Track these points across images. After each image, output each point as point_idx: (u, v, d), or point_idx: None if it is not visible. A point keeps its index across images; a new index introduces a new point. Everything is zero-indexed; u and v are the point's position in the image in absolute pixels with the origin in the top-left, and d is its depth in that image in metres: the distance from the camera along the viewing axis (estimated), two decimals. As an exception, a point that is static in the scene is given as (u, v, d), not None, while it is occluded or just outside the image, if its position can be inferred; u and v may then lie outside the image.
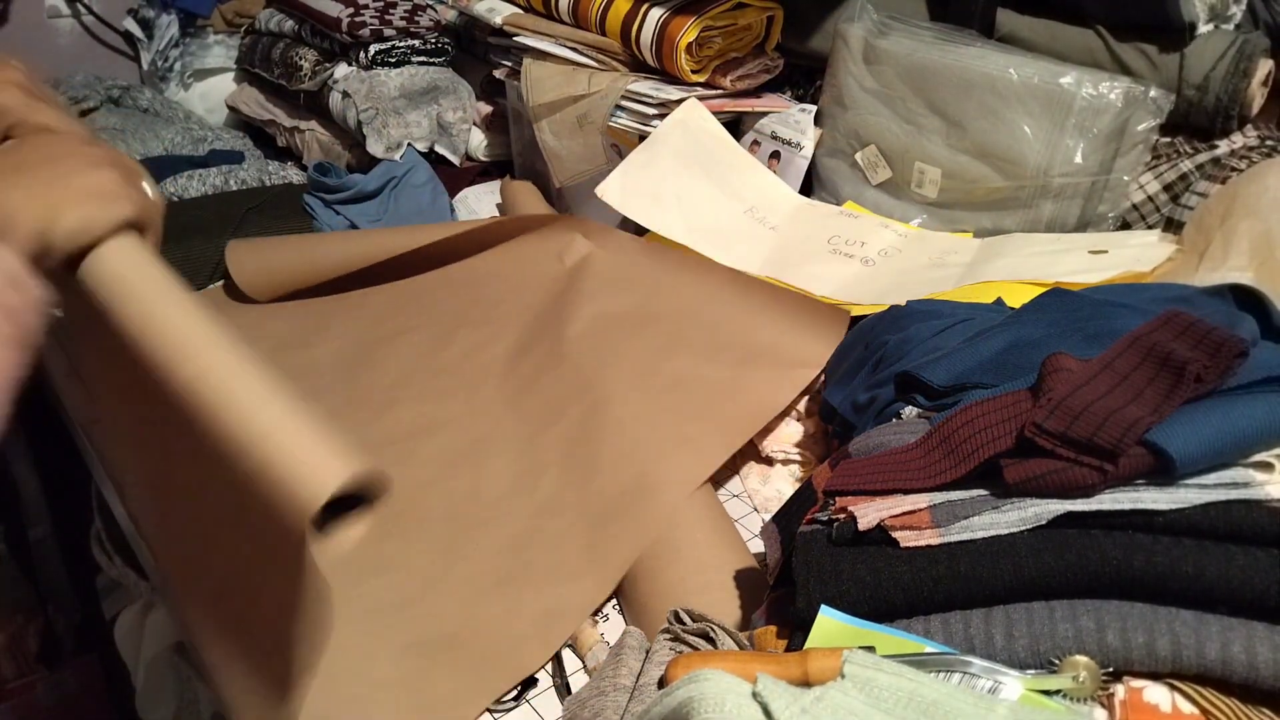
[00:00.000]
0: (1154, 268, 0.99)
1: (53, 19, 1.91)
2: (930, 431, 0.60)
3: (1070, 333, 0.69)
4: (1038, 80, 1.10)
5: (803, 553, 0.57)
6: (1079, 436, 0.52)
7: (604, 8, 1.31)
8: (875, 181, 1.27)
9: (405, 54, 1.61)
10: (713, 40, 1.27)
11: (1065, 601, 0.52)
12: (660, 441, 0.87)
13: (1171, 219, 1.09)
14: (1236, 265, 0.90)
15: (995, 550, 0.53)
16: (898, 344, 0.79)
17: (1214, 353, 0.54)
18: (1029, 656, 0.51)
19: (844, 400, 0.81)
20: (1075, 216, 1.12)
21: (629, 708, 0.59)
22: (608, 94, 1.30)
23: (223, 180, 1.61)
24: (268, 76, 1.75)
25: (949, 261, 1.11)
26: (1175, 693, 0.50)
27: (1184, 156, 1.11)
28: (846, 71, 1.26)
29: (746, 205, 1.27)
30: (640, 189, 1.22)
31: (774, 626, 0.60)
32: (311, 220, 1.51)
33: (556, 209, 1.47)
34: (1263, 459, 0.52)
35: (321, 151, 1.71)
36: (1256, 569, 0.49)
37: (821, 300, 1.03)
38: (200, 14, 1.86)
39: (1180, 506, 0.51)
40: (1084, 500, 0.52)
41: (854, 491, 0.59)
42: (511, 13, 1.45)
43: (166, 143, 1.69)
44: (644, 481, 0.83)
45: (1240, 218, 0.93)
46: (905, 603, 0.54)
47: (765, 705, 0.45)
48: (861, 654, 0.48)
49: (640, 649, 0.65)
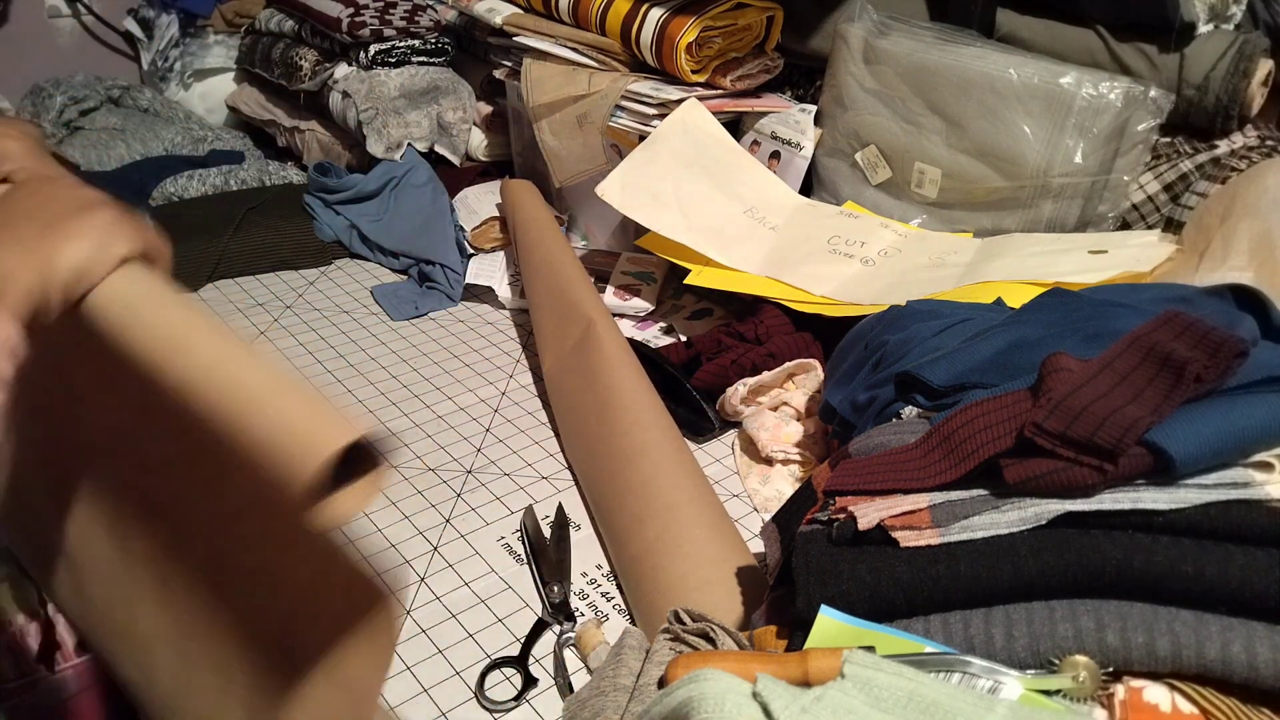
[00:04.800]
0: (1154, 268, 0.99)
1: (53, 19, 1.91)
2: (930, 431, 0.60)
3: (1070, 333, 0.69)
4: (1038, 80, 1.10)
5: (803, 553, 0.57)
6: (1079, 436, 0.52)
7: (604, 8, 1.31)
8: (875, 181, 1.27)
9: (405, 54, 1.61)
10: (713, 40, 1.27)
11: (1065, 601, 0.52)
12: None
13: (1171, 219, 1.09)
14: (1236, 265, 0.90)
15: (995, 550, 0.53)
16: (898, 344, 0.79)
17: (1214, 353, 0.54)
18: (1029, 656, 0.51)
19: (844, 400, 0.81)
20: (1075, 216, 1.12)
21: (629, 708, 0.59)
22: (608, 94, 1.30)
23: (223, 180, 1.61)
24: (268, 76, 1.75)
25: (949, 261, 1.11)
26: (1175, 692, 0.50)
27: (1184, 156, 1.11)
28: (846, 71, 1.26)
29: (746, 205, 1.27)
30: (640, 188, 1.22)
31: (774, 626, 0.60)
32: (311, 220, 1.51)
33: (557, 209, 1.47)
34: (1263, 459, 0.52)
35: (321, 151, 1.71)
36: (1256, 569, 0.49)
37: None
38: (200, 14, 1.86)
39: (1180, 506, 0.51)
40: (1084, 500, 0.52)
41: (854, 491, 0.59)
42: (511, 13, 1.45)
43: (166, 143, 1.70)
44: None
45: (1240, 218, 0.93)
46: (905, 603, 0.54)
47: (765, 705, 0.45)
48: (861, 654, 0.48)
49: (640, 649, 0.65)
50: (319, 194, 1.54)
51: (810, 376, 1.03)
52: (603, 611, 0.82)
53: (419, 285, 1.40)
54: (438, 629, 0.80)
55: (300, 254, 1.47)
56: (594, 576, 0.86)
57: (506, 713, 0.73)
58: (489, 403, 1.13)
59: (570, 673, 0.75)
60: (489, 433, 1.07)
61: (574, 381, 1.02)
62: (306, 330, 1.29)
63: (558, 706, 0.72)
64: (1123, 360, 0.56)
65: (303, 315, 1.33)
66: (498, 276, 1.36)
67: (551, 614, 0.81)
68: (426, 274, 1.39)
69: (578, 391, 1.01)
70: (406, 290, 1.38)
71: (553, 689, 0.74)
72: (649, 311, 1.28)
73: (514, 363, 1.22)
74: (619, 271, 1.34)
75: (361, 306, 1.36)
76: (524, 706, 0.73)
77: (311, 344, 1.26)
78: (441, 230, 1.41)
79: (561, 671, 0.75)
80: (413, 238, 1.43)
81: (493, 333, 1.29)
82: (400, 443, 1.05)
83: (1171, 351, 0.54)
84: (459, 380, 1.18)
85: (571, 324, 1.07)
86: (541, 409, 1.12)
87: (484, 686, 0.74)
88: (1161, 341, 0.55)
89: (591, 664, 0.75)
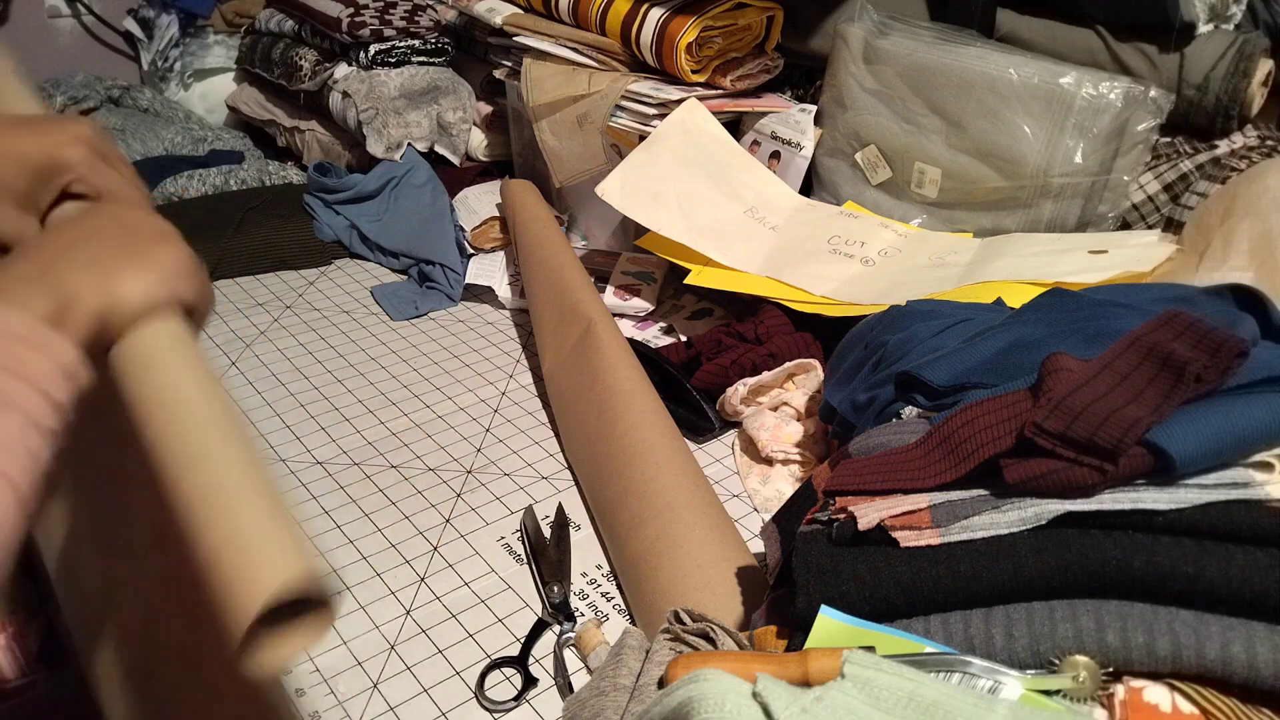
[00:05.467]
0: (1154, 268, 0.98)
1: (53, 19, 1.91)
2: (930, 431, 0.60)
3: (1070, 333, 0.69)
4: (1038, 80, 1.10)
5: (803, 553, 0.57)
6: (1079, 436, 0.52)
7: (604, 8, 1.31)
8: (875, 181, 1.27)
9: (405, 54, 1.61)
10: (713, 40, 1.27)
11: (1065, 601, 0.52)
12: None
13: (1171, 219, 1.09)
14: (1236, 265, 0.90)
15: (995, 550, 0.53)
16: (898, 344, 0.79)
17: (1214, 353, 0.54)
18: (1029, 656, 0.51)
19: (844, 400, 0.81)
20: (1075, 216, 1.12)
21: (629, 708, 0.59)
22: (608, 94, 1.30)
23: (223, 180, 1.61)
24: (268, 76, 1.75)
25: (949, 261, 1.11)
26: (1175, 693, 0.50)
27: (1184, 156, 1.10)
28: (846, 71, 1.26)
29: (746, 205, 1.27)
30: (640, 188, 1.22)
31: (774, 626, 0.60)
32: (312, 220, 1.51)
33: (557, 209, 1.47)
34: (1263, 459, 0.52)
35: (321, 151, 1.71)
36: (1256, 569, 0.49)
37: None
38: (200, 14, 1.86)
39: (1180, 506, 0.51)
40: (1084, 500, 0.52)
41: (854, 491, 0.59)
42: (511, 13, 1.45)
43: (166, 143, 1.70)
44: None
45: (1240, 218, 0.93)
46: (905, 603, 0.54)
47: (765, 705, 0.45)
48: (861, 654, 0.48)
49: (640, 649, 0.65)
50: (319, 194, 1.54)
51: (810, 376, 1.03)
52: (603, 611, 0.82)
53: (419, 285, 1.40)
54: (438, 629, 0.80)
55: (300, 254, 1.47)
56: (594, 576, 0.86)
57: (506, 713, 0.73)
58: (489, 403, 1.13)
59: (570, 673, 0.75)
60: (489, 433, 1.07)
61: (574, 381, 1.02)
62: (306, 330, 1.29)
63: (558, 706, 0.72)
64: (1123, 360, 0.56)
65: (303, 315, 1.33)
66: (498, 276, 1.36)
67: (551, 614, 0.81)
68: (426, 274, 1.39)
69: (578, 391, 1.01)
70: (406, 290, 1.38)
71: (553, 689, 0.74)
72: (649, 311, 1.28)
73: (514, 363, 1.22)
74: (619, 271, 1.34)
75: (361, 306, 1.36)
76: (524, 706, 0.73)
77: (311, 344, 1.26)
78: (441, 230, 1.41)
79: (561, 671, 0.75)
80: (413, 238, 1.43)
81: (493, 333, 1.29)
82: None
83: (1172, 351, 0.54)
84: (459, 380, 1.18)
85: (571, 324, 1.07)
86: (541, 409, 1.12)
87: (484, 686, 0.74)
88: (1162, 341, 0.55)
89: (591, 664, 0.75)
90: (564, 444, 1.03)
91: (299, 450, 1.04)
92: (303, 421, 1.09)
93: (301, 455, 1.03)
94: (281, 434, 1.07)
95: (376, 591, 0.84)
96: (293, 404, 1.13)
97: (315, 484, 0.98)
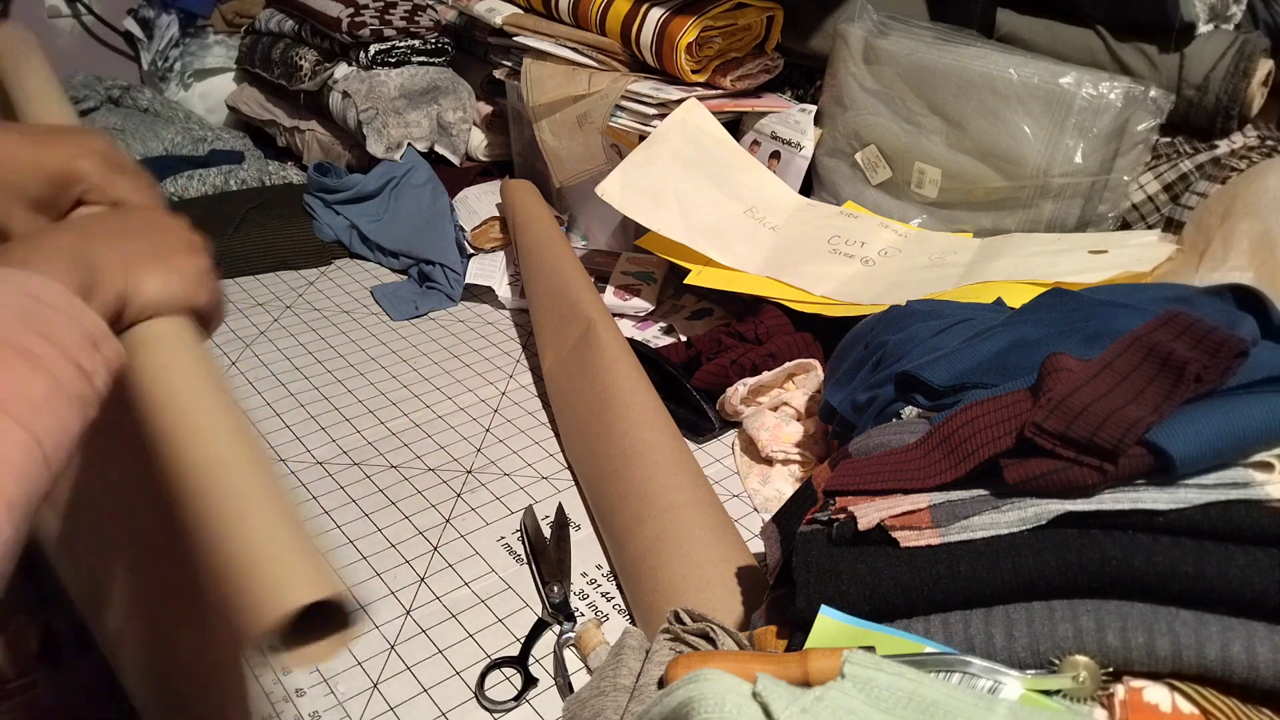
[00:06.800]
0: (1154, 268, 0.98)
1: (53, 19, 1.91)
2: (930, 431, 0.60)
3: (1070, 333, 0.69)
4: (1038, 80, 1.10)
5: (803, 553, 0.57)
6: (1079, 436, 0.52)
7: (604, 8, 1.31)
8: (875, 181, 1.27)
9: (405, 54, 1.61)
10: (713, 40, 1.27)
11: (1065, 601, 0.52)
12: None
13: (1171, 219, 1.09)
14: (1236, 265, 0.90)
15: (995, 550, 0.53)
16: (898, 344, 0.79)
17: (1214, 353, 0.54)
18: (1029, 656, 0.51)
19: (844, 400, 0.81)
20: (1075, 216, 1.12)
21: (629, 708, 0.59)
22: (608, 94, 1.30)
23: (223, 180, 1.61)
24: (268, 76, 1.75)
25: (949, 261, 1.11)
26: (1175, 693, 0.50)
27: (1184, 156, 1.10)
28: (846, 71, 1.26)
29: (746, 205, 1.27)
30: (640, 188, 1.22)
31: (774, 626, 0.60)
32: (312, 220, 1.51)
33: (557, 209, 1.47)
34: (1263, 459, 0.52)
35: (321, 151, 1.71)
36: (1256, 569, 0.49)
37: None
38: (200, 14, 1.86)
39: (1180, 506, 0.51)
40: (1084, 500, 0.52)
41: (854, 491, 0.59)
42: (511, 13, 1.45)
43: (166, 143, 1.70)
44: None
45: (1240, 218, 0.93)
46: (905, 603, 0.54)
47: (765, 705, 0.45)
48: (861, 654, 0.48)
49: (640, 649, 0.65)
50: (319, 194, 1.54)
51: (810, 376, 1.03)
52: (603, 611, 0.82)
53: (419, 285, 1.40)
54: (438, 629, 0.80)
55: (300, 254, 1.47)
56: (594, 576, 0.86)
57: (506, 713, 0.73)
58: (489, 403, 1.13)
59: (570, 673, 0.75)
60: (489, 433, 1.07)
61: (574, 381, 1.02)
62: (306, 330, 1.29)
63: (558, 706, 0.72)
64: (1123, 360, 0.56)
65: (303, 315, 1.33)
66: (498, 276, 1.36)
67: (551, 614, 0.81)
68: (426, 274, 1.39)
69: (578, 391, 1.01)
70: (406, 290, 1.38)
71: (553, 689, 0.74)
72: (649, 311, 1.28)
73: (514, 363, 1.22)
74: (619, 271, 1.34)
75: (361, 306, 1.36)
76: (524, 706, 0.73)
77: (311, 344, 1.26)
78: (441, 230, 1.41)
79: (561, 671, 0.75)
80: (413, 238, 1.43)
81: (493, 333, 1.29)
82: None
83: (1172, 351, 0.54)
84: (459, 380, 1.18)
85: (571, 324, 1.07)
86: (541, 409, 1.12)
87: (484, 686, 0.74)
88: (1162, 341, 0.55)
89: (591, 664, 0.75)
90: (564, 444, 1.04)
91: (299, 450, 1.04)
92: (303, 421, 1.09)
93: (301, 455, 1.03)
94: (281, 434, 1.07)
95: (376, 591, 0.84)
96: (293, 404, 1.13)
97: (315, 484, 0.98)
